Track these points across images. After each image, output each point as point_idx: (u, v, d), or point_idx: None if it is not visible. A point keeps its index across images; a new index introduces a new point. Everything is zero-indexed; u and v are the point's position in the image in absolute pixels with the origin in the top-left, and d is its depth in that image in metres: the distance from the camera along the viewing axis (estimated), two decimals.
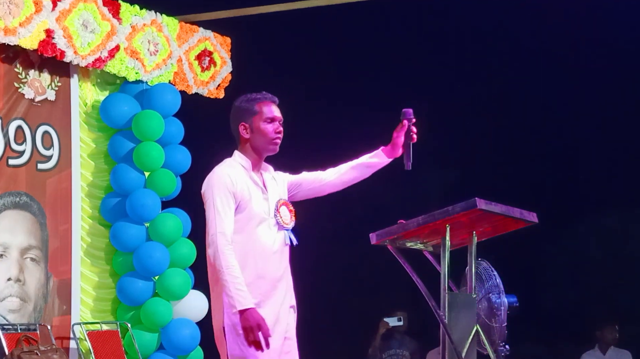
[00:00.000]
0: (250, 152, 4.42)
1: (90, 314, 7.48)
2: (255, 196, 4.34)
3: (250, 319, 4.12)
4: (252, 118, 4.41)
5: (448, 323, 4.81)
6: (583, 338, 9.46)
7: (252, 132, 4.41)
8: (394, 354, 8.96)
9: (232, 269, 4.17)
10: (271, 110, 4.43)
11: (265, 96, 4.47)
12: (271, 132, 4.40)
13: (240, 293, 4.14)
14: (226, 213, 4.25)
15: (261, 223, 4.33)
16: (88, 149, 7.65)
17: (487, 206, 4.80)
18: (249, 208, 4.31)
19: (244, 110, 4.46)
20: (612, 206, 10.15)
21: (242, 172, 4.37)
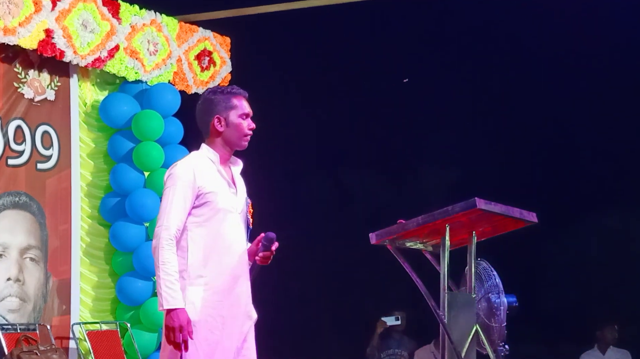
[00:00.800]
0: (221, 146, 4.34)
1: (90, 314, 7.48)
2: (222, 191, 4.27)
3: (175, 319, 4.05)
4: (228, 112, 4.32)
5: (448, 323, 4.81)
6: (583, 338, 9.45)
7: (226, 125, 4.32)
8: (392, 354, 8.95)
9: (167, 265, 4.11)
10: (246, 105, 4.37)
11: (239, 90, 4.40)
12: (245, 128, 4.33)
13: (170, 292, 4.08)
14: (178, 208, 4.17)
15: (227, 218, 4.26)
16: (87, 149, 7.65)
17: (487, 206, 4.81)
18: (214, 202, 4.23)
19: (219, 102, 4.34)
20: (612, 206, 10.14)
21: (209, 165, 4.29)
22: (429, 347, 8.66)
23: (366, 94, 10.01)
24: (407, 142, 10.01)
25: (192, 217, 4.21)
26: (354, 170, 10.16)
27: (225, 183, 4.30)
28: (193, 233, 4.22)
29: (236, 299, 4.25)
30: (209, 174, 4.27)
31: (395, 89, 9.97)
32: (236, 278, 4.26)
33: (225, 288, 4.21)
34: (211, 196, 4.23)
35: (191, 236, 4.22)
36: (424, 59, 9.90)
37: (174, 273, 4.11)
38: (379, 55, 9.92)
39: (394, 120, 10.00)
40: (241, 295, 4.27)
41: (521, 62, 9.86)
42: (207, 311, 4.16)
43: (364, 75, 10.00)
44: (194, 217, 4.22)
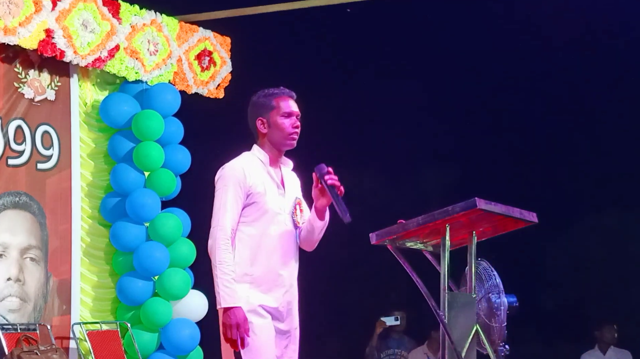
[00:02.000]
0: (269, 147, 4.43)
1: (90, 314, 7.48)
2: (271, 192, 4.37)
3: (232, 317, 4.15)
4: (269, 113, 4.42)
5: (448, 323, 4.81)
6: (583, 337, 9.46)
7: (269, 126, 4.42)
8: (392, 354, 8.96)
9: (224, 265, 4.21)
10: (288, 104, 4.45)
11: (282, 91, 4.49)
12: (288, 127, 4.41)
13: (228, 291, 4.18)
14: (232, 208, 4.27)
15: (275, 219, 4.36)
16: (88, 149, 7.65)
17: (487, 206, 4.80)
18: (262, 202, 4.33)
19: (261, 104, 4.45)
20: (612, 206, 10.14)
21: (258, 166, 4.39)
22: (422, 348, 8.67)
23: (366, 94, 10.01)
24: (407, 141, 10.01)
25: (242, 217, 4.31)
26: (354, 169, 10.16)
27: (274, 185, 4.39)
28: (241, 232, 4.32)
29: (284, 297, 4.36)
30: (258, 175, 4.36)
31: (396, 89, 9.97)
32: (284, 278, 4.37)
33: (272, 287, 4.32)
34: (259, 197, 4.32)
35: (238, 236, 4.32)
36: (424, 59, 9.91)
37: (231, 272, 4.21)
38: (379, 55, 9.92)
39: (394, 120, 10.01)
40: (289, 293, 4.38)
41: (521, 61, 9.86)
42: (253, 307, 4.25)
43: (364, 75, 10.00)
44: (242, 217, 4.31)
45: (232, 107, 8.45)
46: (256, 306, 4.27)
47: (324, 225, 4.50)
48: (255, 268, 4.30)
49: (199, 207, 8.06)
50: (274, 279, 4.34)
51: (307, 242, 4.55)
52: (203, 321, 7.76)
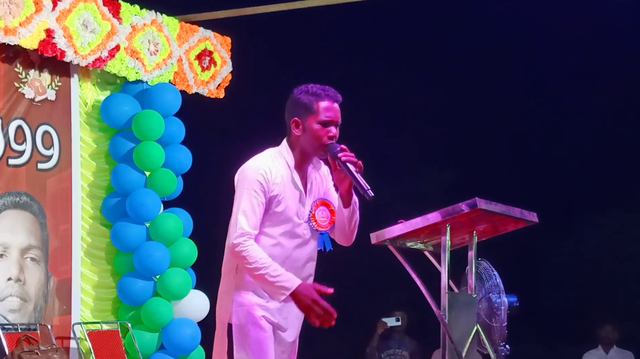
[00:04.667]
0: (298, 150, 4.05)
1: (91, 314, 7.49)
2: (291, 199, 4.04)
3: (302, 297, 3.86)
4: (307, 116, 4.01)
5: (448, 323, 4.81)
6: (583, 337, 9.45)
7: (303, 130, 4.02)
8: (392, 354, 8.95)
9: (260, 262, 3.90)
10: (329, 110, 4.03)
11: (327, 92, 4.06)
12: (324, 137, 4.00)
13: (280, 278, 3.87)
14: (253, 210, 3.94)
15: (292, 228, 4.05)
16: (88, 149, 7.65)
17: (488, 206, 4.80)
18: (281, 210, 4.02)
19: (301, 104, 4.03)
20: (612, 206, 10.15)
21: (283, 168, 4.04)
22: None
23: (366, 94, 10.01)
24: (407, 141, 10.01)
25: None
26: None
27: (296, 192, 4.07)
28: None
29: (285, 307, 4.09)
30: (281, 180, 4.03)
31: (396, 89, 9.97)
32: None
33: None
34: (277, 205, 4.02)
35: None
36: (424, 59, 9.91)
37: (270, 262, 3.90)
38: (379, 55, 9.92)
39: (394, 120, 10.01)
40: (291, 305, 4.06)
41: (521, 62, 9.87)
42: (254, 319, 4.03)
43: (363, 75, 10.00)
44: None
45: (232, 106, 8.46)
46: (258, 317, 4.02)
47: (351, 213, 4.11)
48: None
49: (201, 207, 8.08)
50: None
51: (341, 236, 4.21)
52: (204, 321, 7.76)
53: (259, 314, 4.04)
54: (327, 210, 4.15)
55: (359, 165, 4.02)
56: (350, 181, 4.02)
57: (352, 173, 3.98)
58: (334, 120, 4.05)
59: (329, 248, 4.20)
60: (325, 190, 4.21)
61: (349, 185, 4.05)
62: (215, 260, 4.81)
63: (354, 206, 4.13)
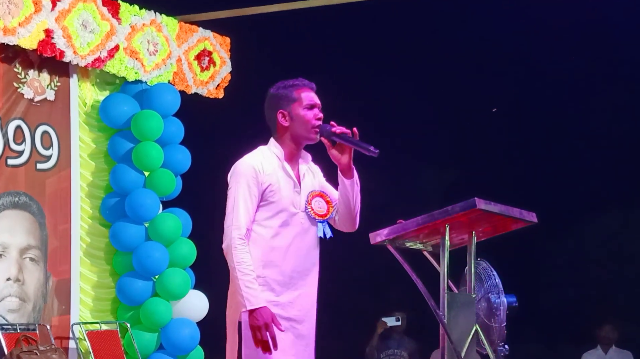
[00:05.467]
0: (288, 141, 4.24)
1: (90, 314, 7.48)
2: (285, 188, 4.17)
3: (259, 318, 3.99)
4: (291, 105, 4.24)
5: (447, 323, 4.81)
6: (583, 337, 9.46)
7: (291, 119, 4.23)
8: (392, 354, 8.95)
9: (243, 266, 4.03)
10: (310, 96, 4.28)
11: (302, 82, 4.34)
12: (312, 119, 4.22)
13: (251, 291, 4.01)
14: (246, 206, 4.08)
15: (290, 217, 4.17)
16: (87, 149, 7.65)
17: (487, 206, 4.80)
18: (277, 200, 4.14)
19: (282, 97, 4.27)
20: (611, 206, 10.15)
21: (274, 162, 4.19)
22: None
23: (365, 94, 10.01)
24: (407, 141, 10.01)
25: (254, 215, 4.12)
26: None
27: (290, 182, 4.21)
28: (253, 232, 4.14)
29: (296, 300, 4.18)
30: (274, 171, 4.18)
31: (396, 89, 9.97)
32: (297, 278, 4.19)
33: (282, 289, 4.15)
34: (273, 195, 4.14)
35: (251, 236, 4.13)
36: (424, 59, 9.91)
37: (251, 272, 4.04)
38: (379, 54, 9.92)
39: (393, 120, 10.01)
40: (303, 296, 4.20)
41: (521, 61, 9.86)
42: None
43: (363, 75, 10.00)
44: (255, 215, 4.13)
45: (231, 107, 8.46)
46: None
47: (354, 185, 4.26)
48: (268, 270, 4.12)
49: (200, 207, 8.08)
50: (288, 281, 4.17)
51: (345, 219, 4.32)
52: (203, 321, 7.76)
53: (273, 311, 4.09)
54: (324, 201, 4.29)
55: (354, 132, 4.23)
56: (351, 152, 4.22)
57: (351, 140, 4.20)
58: (316, 104, 4.29)
59: (329, 236, 4.30)
60: (320, 184, 4.34)
61: (349, 155, 4.23)
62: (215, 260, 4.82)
63: (357, 179, 4.28)
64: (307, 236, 4.23)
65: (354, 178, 4.26)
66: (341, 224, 4.37)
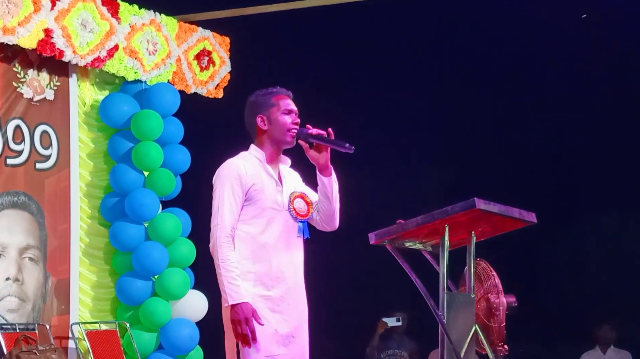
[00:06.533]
0: (267, 145, 4.47)
1: (89, 314, 7.48)
2: (269, 189, 4.39)
3: (239, 313, 4.17)
4: (269, 110, 4.47)
5: (447, 323, 4.81)
6: (582, 337, 9.46)
7: (269, 123, 4.46)
8: (392, 354, 8.95)
9: (227, 263, 4.23)
10: (287, 102, 4.51)
11: (280, 90, 4.55)
12: (289, 123, 4.45)
13: (233, 287, 4.20)
14: (230, 206, 4.30)
15: (274, 216, 4.37)
16: (87, 149, 7.65)
17: (486, 206, 4.80)
18: (261, 200, 4.35)
19: (261, 103, 4.50)
20: (611, 206, 10.14)
21: (256, 164, 4.42)
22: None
23: (365, 94, 10.01)
24: (406, 141, 10.00)
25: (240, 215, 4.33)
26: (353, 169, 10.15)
27: (272, 182, 4.41)
28: (240, 231, 4.34)
29: (287, 294, 4.35)
30: (256, 172, 4.39)
31: (396, 89, 9.97)
32: (288, 274, 4.37)
33: (275, 284, 4.32)
34: (257, 194, 4.35)
35: (238, 234, 4.33)
36: (423, 59, 9.91)
37: (235, 269, 4.24)
38: (379, 55, 9.92)
39: (392, 120, 10.00)
40: (292, 289, 4.38)
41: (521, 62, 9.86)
42: (257, 304, 4.25)
43: (363, 75, 10.00)
44: (241, 215, 4.33)
45: (231, 107, 8.45)
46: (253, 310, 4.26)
47: (332, 183, 4.48)
48: (257, 265, 4.31)
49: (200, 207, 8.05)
50: (277, 276, 4.35)
51: (327, 217, 4.53)
52: (202, 321, 7.76)
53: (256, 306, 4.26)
54: (304, 202, 4.50)
55: (329, 132, 4.48)
56: (328, 151, 4.46)
57: (327, 139, 4.45)
58: (293, 109, 4.52)
59: (306, 236, 4.49)
60: (300, 186, 4.57)
61: (327, 154, 4.47)
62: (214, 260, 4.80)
63: (335, 177, 4.51)
64: (292, 233, 4.43)
65: (332, 176, 4.47)
66: (322, 223, 4.56)
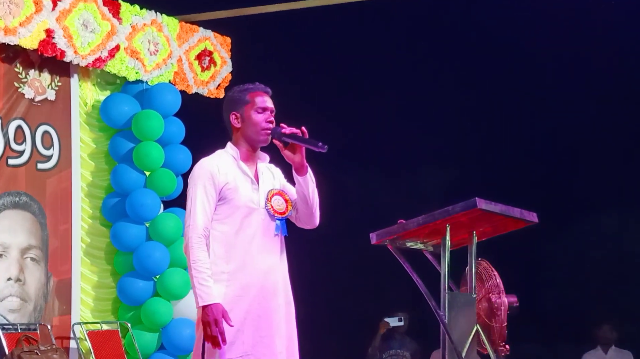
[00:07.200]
0: (242, 142, 4.39)
1: (91, 314, 7.49)
2: (243, 187, 4.31)
3: (209, 314, 4.12)
4: (243, 107, 4.37)
5: (448, 323, 4.81)
6: (583, 337, 9.45)
7: (243, 121, 4.37)
8: (394, 354, 8.95)
9: (199, 263, 4.18)
10: (263, 100, 4.39)
11: (257, 86, 4.43)
12: (262, 122, 4.34)
13: (204, 289, 4.15)
14: (203, 206, 4.24)
15: (250, 214, 4.29)
16: (88, 149, 7.65)
17: (487, 206, 4.80)
18: (235, 199, 4.28)
19: (236, 99, 4.41)
20: (612, 206, 10.14)
21: (230, 162, 4.35)
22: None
23: (366, 94, 10.01)
24: (406, 141, 10.01)
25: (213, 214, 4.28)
26: (355, 169, 10.16)
27: (247, 180, 4.34)
28: (215, 230, 4.28)
29: (264, 294, 4.28)
30: (230, 171, 4.32)
31: (396, 89, 9.97)
32: (261, 273, 4.29)
33: (249, 283, 4.25)
34: (231, 193, 4.28)
35: (213, 234, 4.27)
36: (423, 59, 9.91)
37: (206, 269, 4.19)
38: (380, 55, 9.92)
39: (393, 120, 10.00)
40: (271, 289, 4.30)
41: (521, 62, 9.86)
42: (229, 306, 4.19)
43: (364, 75, 10.00)
44: (215, 214, 4.28)
45: None
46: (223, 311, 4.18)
47: (308, 181, 4.36)
48: (231, 265, 4.24)
49: None
50: (251, 275, 4.25)
51: (305, 216, 4.43)
52: None
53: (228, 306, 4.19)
54: (283, 199, 4.41)
55: (303, 131, 4.32)
56: (302, 150, 4.32)
57: (301, 138, 4.30)
58: (268, 107, 4.39)
59: (284, 234, 4.40)
60: (280, 184, 4.47)
61: (301, 154, 4.33)
62: None
63: (311, 176, 4.39)
64: (269, 232, 4.34)
65: (307, 174, 4.36)
66: (302, 221, 4.49)
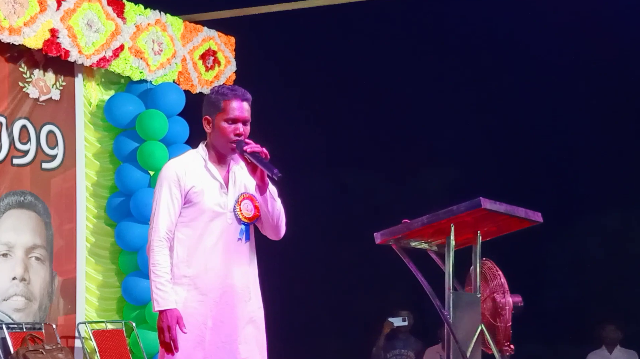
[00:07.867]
0: (212, 147, 4.22)
1: (95, 313, 7.50)
2: (210, 190, 4.16)
3: (164, 320, 4.06)
4: (215, 114, 4.19)
5: (453, 323, 4.81)
6: (586, 337, 9.45)
7: (212, 128, 4.20)
8: (398, 354, 8.95)
9: (157, 267, 4.13)
10: (236, 109, 4.17)
11: (235, 93, 4.21)
12: (230, 133, 4.15)
13: (160, 293, 4.10)
14: (167, 209, 4.14)
15: (215, 218, 4.16)
16: (92, 149, 7.66)
17: (492, 205, 4.80)
18: (200, 202, 4.14)
19: (211, 102, 4.23)
20: (614, 206, 10.14)
21: (199, 164, 4.19)
22: (437, 348, 8.66)
23: (368, 94, 10.02)
24: (409, 141, 10.01)
25: (179, 217, 4.17)
26: (356, 169, 10.16)
27: (215, 183, 4.19)
28: (179, 232, 4.18)
29: (227, 299, 4.16)
30: (197, 174, 4.18)
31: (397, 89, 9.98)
32: (224, 277, 4.16)
33: (210, 287, 4.14)
34: (197, 197, 4.15)
35: (177, 236, 4.18)
36: (424, 59, 9.91)
37: (165, 274, 4.13)
38: (381, 55, 9.92)
39: (396, 119, 10.01)
40: (235, 294, 4.17)
41: (522, 62, 9.87)
42: (189, 310, 4.11)
43: (366, 75, 10.00)
44: (180, 217, 4.17)
45: None
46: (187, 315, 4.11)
47: (267, 200, 4.18)
48: (192, 269, 4.14)
49: None
50: (212, 280, 4.15)
51: (268, 228, 4.26)
52: None
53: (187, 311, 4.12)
54: (252, 204, 4.24)
55: (264, 153, 4.12)
56: (263, 170, 4.12)
57: (259, 159, 4.10)
58: (240, 118, 4.17)
59: (247, 240, 4.25)
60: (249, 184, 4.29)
61: (261, 173, 4.15)
62: None
63: (271, 195, 4.21)
64: (234, 236, 4.21)
65: (266, 194, 4.17)
66: (266, 231, 4.35)
